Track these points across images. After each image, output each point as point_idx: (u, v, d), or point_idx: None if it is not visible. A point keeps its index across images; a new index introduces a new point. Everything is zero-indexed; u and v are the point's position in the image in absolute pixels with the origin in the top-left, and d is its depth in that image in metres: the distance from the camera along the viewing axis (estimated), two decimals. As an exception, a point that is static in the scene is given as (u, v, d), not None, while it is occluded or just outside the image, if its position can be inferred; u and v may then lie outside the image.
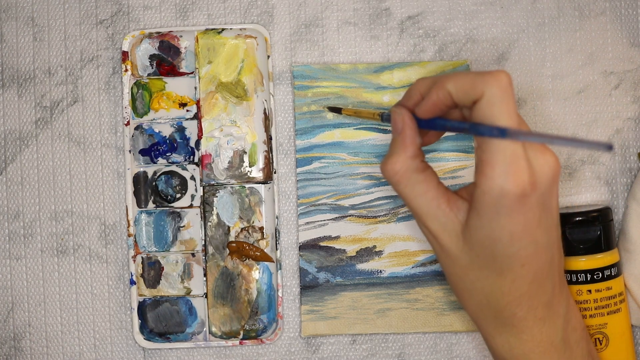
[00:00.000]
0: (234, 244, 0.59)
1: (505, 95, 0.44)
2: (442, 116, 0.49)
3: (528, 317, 0.48)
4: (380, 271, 0.59)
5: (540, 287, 0.47)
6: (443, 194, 0.48)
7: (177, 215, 0.59)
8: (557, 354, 0.49)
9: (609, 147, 0.41)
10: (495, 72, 0.45)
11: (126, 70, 0.59)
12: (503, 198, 0.44)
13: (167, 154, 0.60)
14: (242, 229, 0.59)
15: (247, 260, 0.59)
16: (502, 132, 0.43)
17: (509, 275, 0.46)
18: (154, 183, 0.59)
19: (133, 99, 0.59)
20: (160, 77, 0.60)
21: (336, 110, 0.58)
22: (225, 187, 0.59)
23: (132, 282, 0.58)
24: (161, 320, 0.59)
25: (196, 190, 0.59)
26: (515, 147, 0.44)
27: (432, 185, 0.48)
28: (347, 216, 0.59)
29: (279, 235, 0.59)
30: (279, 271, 0.58)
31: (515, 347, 0.48)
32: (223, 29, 0.59)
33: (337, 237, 0.59)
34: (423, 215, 0.48)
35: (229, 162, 0.60)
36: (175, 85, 0.60)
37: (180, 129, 0.60)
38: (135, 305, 0.58)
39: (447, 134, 0.57)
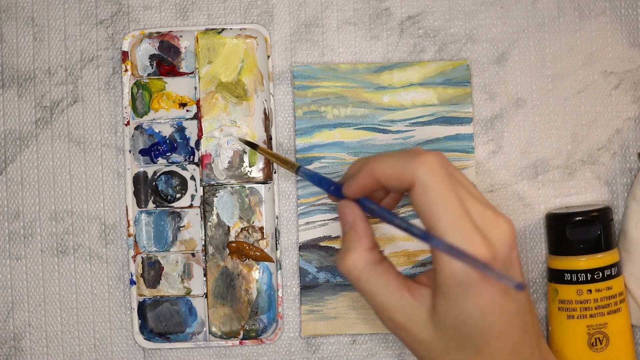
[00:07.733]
0: (234, 244, 0.59)
1: (439, 179, 0.43)
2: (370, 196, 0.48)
3: None
4: (380, 271, 0.59)
5: (520, 354, 0.46)
6: (403, 283, 0.46)
7: (177, 215, 0.59)
8: None
9: (519, 287, 0.41)
10: (424, 154, 0.44)
11: (126, 70, 0.59)
12: (467, 277, 0.43)
13: (167, 154, 0.60)
14: (242, 229, 0.59)
15: (247, 260, 0.59)
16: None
17: (487, 350, 0.45)
18: (154, 183, 0.59)
19: (133, 99, 0.59)
20: (160, 77, 0.60)
21: (252, 145, 0.58)
22: (225, 187, 0.59)
23: (132, 282, 0.58)
24: (161, 320, 0.59)
25: (196, 190, 0.59)
26: (467, 225, 0.43)
27: (392, 276, 0.47)
28: (347, 216, 0.59)
29: (279, 235, 0.59)
30: (279, 271, 0.58)
31: None
32: (223, 29, 0.59)
33: (337, 237, 0.59)
34: (389, 309, 0.46)
35: (229, 162, 0.60)
36: (175, 85, 0.60)
37: (180, 129, 0.60)
38: (135, 305, 0.58)
39: None
